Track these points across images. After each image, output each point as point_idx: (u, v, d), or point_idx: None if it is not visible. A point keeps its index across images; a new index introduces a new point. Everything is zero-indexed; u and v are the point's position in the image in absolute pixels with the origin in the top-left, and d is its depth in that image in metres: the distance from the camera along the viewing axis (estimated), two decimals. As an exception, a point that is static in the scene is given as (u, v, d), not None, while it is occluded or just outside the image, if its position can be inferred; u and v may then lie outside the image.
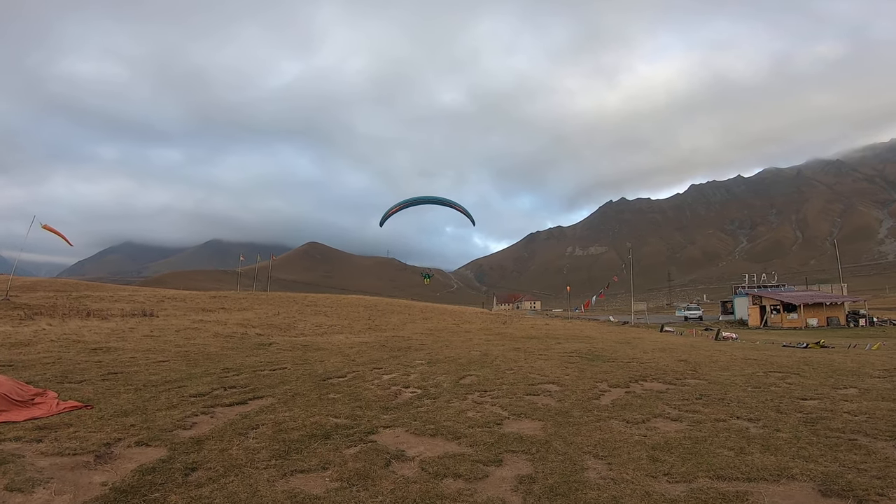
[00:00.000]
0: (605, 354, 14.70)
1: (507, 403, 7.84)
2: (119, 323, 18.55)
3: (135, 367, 10.36)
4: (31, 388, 7.10)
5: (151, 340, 15.00)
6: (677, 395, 8.57)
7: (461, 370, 11.11)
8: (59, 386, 8.16)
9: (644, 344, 19.40)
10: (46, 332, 15.34)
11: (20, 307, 20.90)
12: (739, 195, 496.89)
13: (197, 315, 23.64)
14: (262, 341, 16.61)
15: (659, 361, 13.20)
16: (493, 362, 12.54)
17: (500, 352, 15.01)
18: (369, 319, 28.15)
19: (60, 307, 22.05)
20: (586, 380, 10.08)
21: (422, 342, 18.02)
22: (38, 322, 17.31)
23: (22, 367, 9.83)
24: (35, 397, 6.77)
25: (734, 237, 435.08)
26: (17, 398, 6.42)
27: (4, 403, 6.21)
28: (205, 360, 11.82)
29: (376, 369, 11.20)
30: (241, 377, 9.70)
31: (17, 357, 11.14)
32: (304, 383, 9.30)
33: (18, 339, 13.65)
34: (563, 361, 12.91)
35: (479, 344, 17.78)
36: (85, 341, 13.99)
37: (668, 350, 16.76)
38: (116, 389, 8.12)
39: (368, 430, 6.20)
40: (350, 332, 21.39)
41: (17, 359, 10.89)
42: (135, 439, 5.55)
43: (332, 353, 14.29)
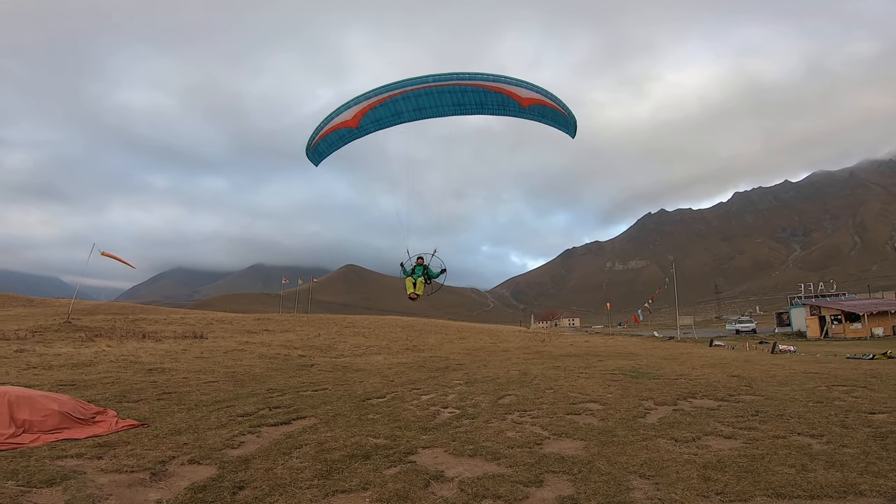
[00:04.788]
0: (651, 371, 14.13)
1: (547, 423, 7.66)
2: (172, 345, 19.57)
3: (187, 388, 10.85)
4: (92, 406, 7.61)
5: (202, 362, 15.72)
6: (731, 412, 8.11)
7: (500, 390, 10.95)
8: (118, 405, 8.63)
9: (692, 360, 18.50)
10: (106, 353, 16.40)
11: (82, 329, 22.36)
12: (788, 201, 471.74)
13: (243, 337, 24.56)
14: (304, 362, 17.01)
15: (709, 377, 12.56)
16: (533, 381, 12.29)
17: (539, 370, 14.70)
18: (407, 340, 28.30)
19: (118, 329, 23.45)
20: (630, 398, 9.71)
21: (459, 362, 17.91)
22: (99, 344, 18.51)
23: (84, 387, 10.48)
24: (96, 416, 7.24)
25: (786, 245, 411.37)
26: (80, 416, 6.89)
27: (67, 421, 6.66)
28: (251, 381, 12.22)
29: (415, 390, 11.21)
30: (285, 397, 9.95)
31: (79, 377, 11.91)
32: (345, 404, 9.43)
33: (81, 360, 14.62)
34: (606, 379, 12.50)
35: (517, 363, 17.48)
36: (141, 362, 14.83)
37: (719, 365, 15.92)
38: (170, 409, 8.53)
39: (408, 451, 6.20)
40: (388, 353, 21.56)
41: (80, 379, 11.65)
42: (187, 457, 5.78)
43: (371, 373, 14.44)
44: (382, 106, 9.85)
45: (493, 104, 9.80)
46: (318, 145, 10.73)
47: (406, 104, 9.88)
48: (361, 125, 10.17)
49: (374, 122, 10.14)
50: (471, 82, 9.50)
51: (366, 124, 10.22)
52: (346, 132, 10.38)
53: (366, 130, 10.39)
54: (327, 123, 10.33)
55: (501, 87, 9.53)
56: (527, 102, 9.63)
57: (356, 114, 9.99)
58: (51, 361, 14.27)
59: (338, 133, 10.39)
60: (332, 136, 10.50)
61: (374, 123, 10.20)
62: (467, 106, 9.89)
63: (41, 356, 15.12)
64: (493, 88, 9.52)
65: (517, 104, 9.63)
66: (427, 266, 12.16)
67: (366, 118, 10.04)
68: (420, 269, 12.10)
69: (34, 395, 6.86)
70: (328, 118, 10.27)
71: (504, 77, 9.57)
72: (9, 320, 25.66)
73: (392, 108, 9.92)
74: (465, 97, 9.74)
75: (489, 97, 9.65)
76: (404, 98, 9.73)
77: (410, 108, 9.95)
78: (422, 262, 12.20)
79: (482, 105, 9.80)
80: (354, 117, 10.01)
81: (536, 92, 9.64)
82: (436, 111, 10.04)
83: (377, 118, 10.12)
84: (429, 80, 9.50)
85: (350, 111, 9.99)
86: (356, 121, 10.02)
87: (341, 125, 10.16)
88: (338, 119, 10.13)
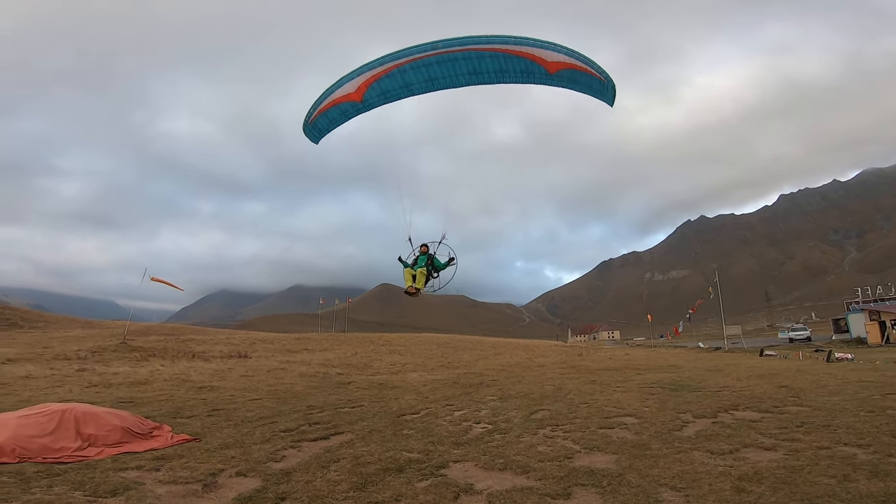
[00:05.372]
0: (692, 384, 13.75)
1: (579, 437, 7.65)
2: (219, 364, 20.57)
3: (234, 405, 11.45)
4: (150, 422, 8.27)
5: (247, 380, 16.51)
6: (774, 424, 7.86)
7: (533, 405, 10.96)
8: (172, 420, 9.25)
9: (739, 371, 17.80)
10: (160, 372, 17.45)
11: (136, 350, 23.75)
12: (839, 201, 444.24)
13: (284, 356, 25.46)
14: (342, 380, 17.47)
15: (754, 389, 12.13)
16: (567, 396, 12.20)
17: (574, 385, 14.54)
18: (442, 357, 28.43)
19: (170, 350, 24.77)
20: (668, 411, 9.52)
21: (493, 378, 17.90)
22: (153, 363, 19.67)
23: (141, 404, 11.26)
24: (153, 431, 7.87)
25: (840, 248, 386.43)
26: (139, 431, 7.53)
27: (128, 436, 7.28)
28: (292, 399, 12.72)
29: (448, 406, 11.36)
30: (324, 414, 10.33)
31: (136, 394, 12.79)
32: (381, 420, 9.70)
33: (137, 379, 15.64)
34: (643, 393, 12.26)
35: (552, 378, 17.30)
36: (192, 381, 15.72)
37: (767, 376, 15.28)
38: (219, 424, 9.07)
39: (439, 465, 6.37)
40: (423, 370, 21.76)
41: (137, 396, 12.52)
42: (235, 470, 6.19)
43: (406, 390, 14.67)
44: (389, 77, 8.74)
45: (516, 71, 8.53)
46: (318, 121, 9.63)
47: (415, 74, 8.73)
48: (366, 98, 9.08)
49: (379, 94, 9.03)
50: (489, 46, 8.24)
51: (371, 97, 9.07)
52: (349, 106, 9.30)
53: (371, 104, 9.24)
54: (327, 97, 9.23)
55: (524, 51, 8.24)
56: (554, 67, 8.30)
57: (360, 86, 8.88)
58: (110, 380, 15.33)
59: (339, 108, 9.34)
60: (332, 111, 9.42)
61: (381, 96, 9.08)
62: (485, 74, 8.65)
63: (101, 375, 16.24)
64: (515, 52, 8.24)
65: (543, 70, 8.35)
66: (433, 256, 10.57)
67: (371, 91, 8.95)
68: (423, 258, 10.52)
69: (99, 411, 7.53)
70: (328, 91, 9.19)
71: (526, 38, 8.28)
72: (70, 341, 27.55)
73: (400, 78, 8.81)
74: (483, 64, 8.50)
75: (510, 63, 8.41)
76: (413, 67, 8.59)
77: (421, 78, 8.79)
78: (426, 251, 10.62)
79: (502, 72, 8.57)
80: (358, 90, 8.92)
81: (565, 54, 8.33)
82: (449, 81, 8.82)
83: (383, 90, 9.01)
84: (439, 45, 8.31)
85: (353, 83, 8.90)
86: (360, 94, 8.95)
87: (343, 99, 9.10)
88: (339, 92, 9.07)
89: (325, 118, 9.54)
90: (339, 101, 9.16)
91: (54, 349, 22.32)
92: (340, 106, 9.26)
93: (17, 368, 16.21)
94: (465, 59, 8.48)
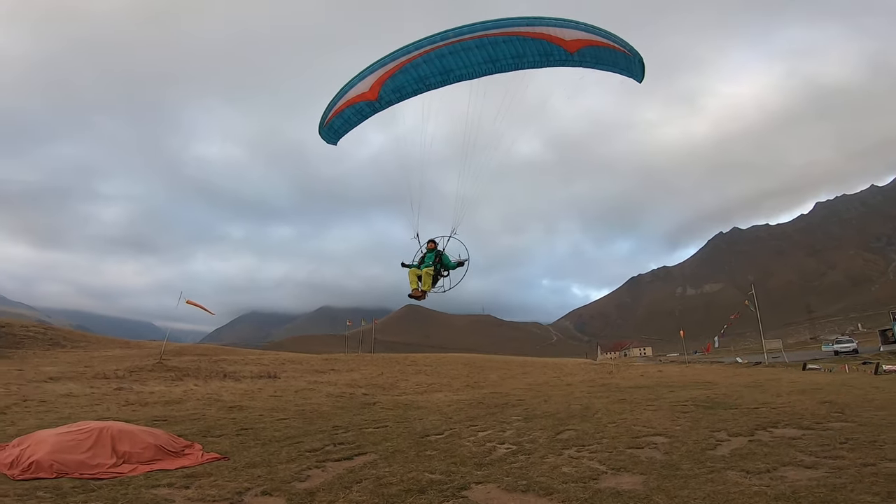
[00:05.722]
0: (728, 401, 13.24)
1: (605, 458, 7.43)
2: (249, 384, 20.94)
3: (262, 424, 11.63)
4: (182, 440, 8.52)
5: (275, 400, 16.75)
6: (815, 441, 7.47)
7: (559, 425, 10.72)
8: (203, 439, 9.47)
9: (779, 386, 17.02)
10: (193, 391, 17.89)
11: (172, 369, 24.41)
12: (878, 207, 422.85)
13: (312, 376, 25.74)
14: (368, 400, 17.51)
15: (795, 405, 11.58)
16: (595, 416, 11.89)
17: (602, 404, 14.16)
18: (468, 377, 28.16)
19: (203, 370, 25.38)
20: (701, 430, 9.18)
21: (520, 398, 17.60)
22: (187, 383, 20.20)
23: (174, 422, 11.57)
24: (185, 449, 8.11)
25: (884, 255, 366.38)
26: (171, 449, 7.79)
27: (161, 453, 7.53)
28: (318, 419, 12.84)
29: (472, 426, 11.23)
30: (349, 434, 10.36)
31: (170, 413, 13.16)
32: (404, 440, 9.66)
33: (171, 398, 16.09)
34: (675, 411, 11.86)
35: (580, 397, 16.89)
36: (223, 400, 16.06)
37: (809, 391, 14.56)
38: (247, 444, 9.23)
39: (461, 486, 6.30)
40: (449, 390, 21.59)
41: (171, 414, 12.87)
42: (261, 489, 6.29)
43: (431, 411, 14.58)
44: (402, 72, 8.55)
45: (534, 54, 8.20)
46: (333, 123, 9.48)
47: (430, 67, 8.49)
48: (381, 96, 8.89)
49: (394, 91, 8.83)
50: (503, 31, 7.96)
51: (386, 94, 8.86)
52: (365, 105, 9.14)
53: (387, 102, 9.00)
54: (342, 97, 9.07)
55: (541, 32, 7.91)
56: (574, 46, 7.94)
57: (374, 83, 8.70)
58: (146, 399, 15.83)
59: (355, 107, 9.19)
60: (348, 111, 9.26)
61: (396, 93, 8.87)
62: (502, 61, 8.36)
63: (138, 394, 16.80)
64: (531, 34, 7.93)
65: (563, 50, 8.00)
66: (441, 253, 9.63)
67: (385, 88, 8.75)
68: (431, 256, 9.54)
69: (134, 429, 7.84)
70: (342, 91, 9.04)
71: (541, 17, 7.94)
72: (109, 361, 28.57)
73: (413, 73, 8.59)
74: (498, 50, 8.22)
75: (527, 46, 8.06)
76: (426, 60, 8.37)
77: (435, 70, 8.53)
78: (434, 248, 9.66)
79: (520, 57, 8.24)
80: (372, 88, 8.74)
81: (584, 31, 7.94)
82: (465, 72, 8.56)
83: (398, 86, 8.79)
84: (450, 35, 8.06)
85: (366, 81, 8.74)
86: (374, 92, 8.78)
87: (358, 98, 8.97)
88: (353, 91, 8.93)
89: (341, 119, 9.41)
90: (353, 100, 9.02)
91: (94, 368, 23.20)
92: (355, 106, 9.13)
93: (59, 386, 16.92)
94: (480, 47, 8.20)
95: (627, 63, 8.23)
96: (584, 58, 8.13)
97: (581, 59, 8.15)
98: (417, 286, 9.29)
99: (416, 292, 9.31)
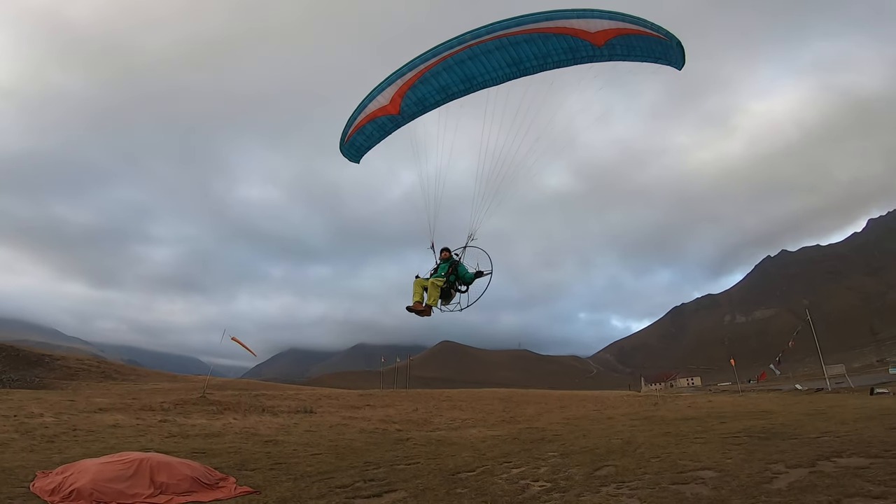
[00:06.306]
0: (786, 430, 12.31)
1: (647, 495, 6.95)
2: (286, 419, 21.09)
3: (295, 459, 11.63)
4: (217, 473, 8.66)
5: (310, 435, 16.79)
6: (884, 470, 6.79)
7: (597, 461, 10.15)
8: (238, 472, 9.54)
9: (844, 413, 15.68)
10: (232, 425, 18.16)
11: (213, 403, 24.93)
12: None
13: (347, 412, 25.66)
14: (401, 436, 17.20)
15: (862, 432, 10.64)
16: (637, 450, 11.22)
17: (645, 438, 13.36)
18: (504, 412, 27.30)
19: (243, 404, 25.78)
20: (755, 462, 8.48)
21: (556, 432, 16.85)
22: (227, 417, 20.56)
23: (212, 455, 11.73)
24: (220, 482, 8.22)
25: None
26: (207, 482, 7.92)
27: (197, 485, 7.65)
28: (351, 454, 12.71)
29: (506, 463, 10.80)
30: (380, 471, 10.16)
31: (209, 446, 13.35)
32: (435, 478, 9.37)
33: (211, 431, 16.37)
34: (726, 443, 11.05)
35: (621, 431, 16.01)
36: (260, 434, 16.22)
37: (877, 417, 13.43)
38: (279, 479, 9.21)
39: (492, 523, 5.99)
40: (483, 426, 20.95)
41: (209, 447, 13.05)
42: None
43: (464, 447, 14.15)
44: (423, 82, 8.02)
45: (558, 51, 7.51)
46: (355, 140, 8.96)
47: (451, 75, 7.97)
48: (403, 109, 8.35)
49: (416, 103, 8.29)
50: (522, 29, 7.33)
51: (408, 107, 8.33)
52: (387, 120, 8.59)
53: (410, 115, 8.45)
54: (361, 111, 8.59)
55: (562, 26, 7.25)
56: (602, 38, 7.23)
57: (394, 96, 8.20)
58: (188, 431, 16.18)
59: (376, 122, 8.66)
60: (369, 126, 8.76)
61: (418, 104, 8.32)
62: (525, 62, 7.70)
63: (180, 426, 17.17)
64: (553, 30, 7.27)
65: (588, 44, 7.33)
66: (458, 263, 8.45)
67: (406, 100, 8.24)
68: (445, 266, 8.40)
69: (172, 461, 8.05)
70: (362, 105, 8.56)
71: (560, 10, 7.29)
72: (157, 394, 29.54)
73: (434, 82, 8.05)
74: (520, 51, 7.59)
75: (550, 44, 7.42)
76: (446, 68, 7.86)
77: (457, 78, 8.02)
78: (448, 258, 8.54)
79: (545, 56, 7.57)
80: (393, 101, 8.25)
81: (610, 19, 7.21)
82: (488, 77, 7.98)
83: (420, 98, 8.25)
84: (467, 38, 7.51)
85: (386, 94, 8.26)
86: (396, 105, 8.28)
87: (379, 112, 8.47)
88: (373, 105, 8.44)
89: (362, 135, 8.93)
90: (375, 115, 8.53)
91: (142, 400, 24.00)
92: (377, 121, 8.62)
93: (107, 417, 17.56)
94: (500, 49, 7.61)
95: (664, 50, 7.48)
96: (614, 50, 7.41)
97: (611, 53, 7.44)
98: (422, 299, 8.14)
99: (417, 305, 8.07)
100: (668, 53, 7.51)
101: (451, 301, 8.35)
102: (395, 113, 8.39)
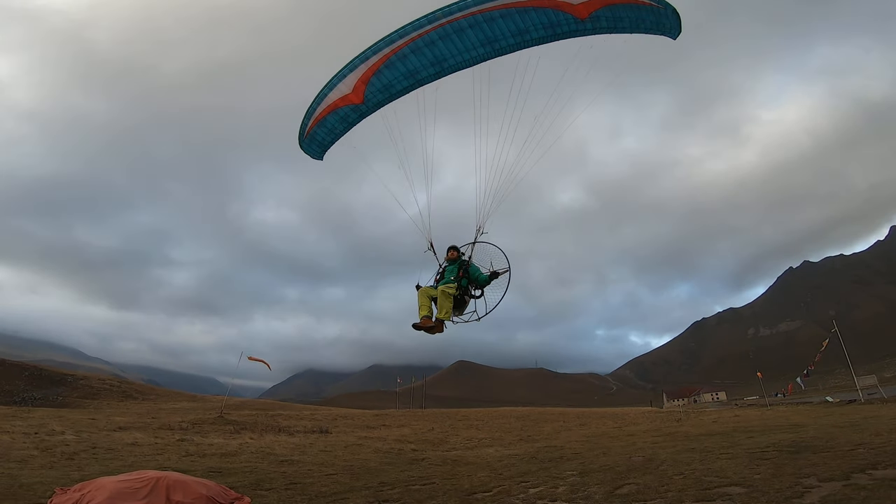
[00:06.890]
0: (817, 443, 11.80)
1: (670, 511, 6.66)
2: (301, 438, 20.98)
3: (310, 479, 11.51)
4: (232, 492, 8.60)
5: (325, 455, 16.65)
6: (923, 483, 6.36)
7: (618, 479, 9.83)
8: (252, 492, 9.48)
9: (879, 424, 15.07)
10: (248, 444, 18.12)
11: (231, 423, 25.00)
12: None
13: (363, 432, 25.47)
14: (416, 456, 16.93)
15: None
16: (659, 468, 10.83)
17: (668, 454, 12.91)
18: (521, 430, 26.74)
19: (259, 424, 25.81)
20: (785, 477, 8.12)
21: (575, 451, 16.40)
22: (243, 436, 20.53)
23: (228, 474, 11.69)
24: (234, 501, 8.14)
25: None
26: (221, 501, 7.85)
27: None
28: (365, 474, 12.54)
29: (523, 482, 10.52)
30: (394, 491, 9.98)
31: (225, 465, 13.32)
32: (450, 498, 9.17)
33: (228, 450, 16.33)
34: (754, 458, 10.61)
35: (643, 448, 15.51)
36: (275, 454, 16.14)
37: (914, 428, 12.68)
38: (294, 498, 9.14)
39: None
40: (500, 445, 20.51)
41: (226, 466, 13.02)
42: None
43: (480, 467, 13.84)
44: (388, 66, 7.22)
45: (537, 26, 6.82)
46: (315, 133, 8.07)
47: (419, 58, 7.17)
48: (367, 98, 7.53)
49: (381, 90, 7.48)
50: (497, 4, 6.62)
51: (373, 95, 7.51)
52: (350, 111, 7.74)
53: (374, 104, 7.64)
54: (321, 102, 7.75)
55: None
56: (585, 10, 6.56)
57: (356, 83, 7.37)
58: (205, 450, 16.17)
59: (338, 113, 7.79)
60: (330, 118, 7.86)
61: (383, 92, 7.50)
62: (501, 40, 6.97)
63: (198, 445, 17.20)
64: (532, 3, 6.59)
65: (570, 17, 6.66)
66: (468, 264, 7.27)
67: (371, 87, 7.43)
68: (453, 270, 7.20)
69: (188, 480, 8.04)
70: (321, 94, 7.71)
71: None
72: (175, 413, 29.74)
73: (401, 66, 7.26)
74: (496, 28, 6.86)
75: (528, 18, 6.72)
76: (414, 50, 7.09)
77: (426, 61, 7.22)
78: (455, 257, 7.36)
79: (522, 33, 6.87)
80: (356, 89, 7.42)
81: None
82: (460, 59, 7.20)
83: (385, 84, 7.43)
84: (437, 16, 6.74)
85: (347, 81, 7.41)
86: (359, 93, 7.44)
87: (341, 102, 7.61)
88: (334, 94, 7.60)
89: (323, 128, 8.03)
90: (336, 105, 7.68)
91: (161, 419, 24.15)
92: (339, 111, 7.77)
93: (126, 436, 17.73)
94: (473, 27, 6.88)
95: (656, 18, 6.80)
96: (600, 22, 6.73)
97: (596, 25, 6.76)
98: (430, 312, 6.87)
99: (425, 322, 6.79)
100: (661, 22, 6.85)
101: (465, 310, 7.26)
102: (358, 102, 7.58)
